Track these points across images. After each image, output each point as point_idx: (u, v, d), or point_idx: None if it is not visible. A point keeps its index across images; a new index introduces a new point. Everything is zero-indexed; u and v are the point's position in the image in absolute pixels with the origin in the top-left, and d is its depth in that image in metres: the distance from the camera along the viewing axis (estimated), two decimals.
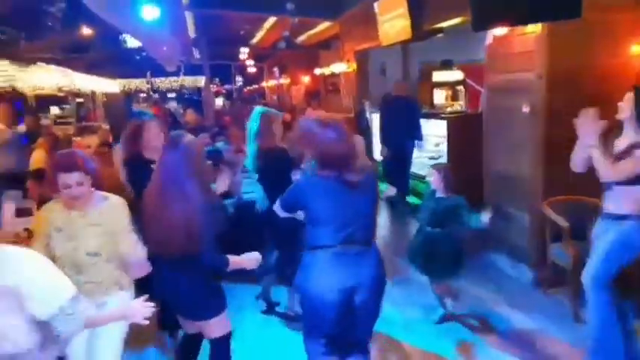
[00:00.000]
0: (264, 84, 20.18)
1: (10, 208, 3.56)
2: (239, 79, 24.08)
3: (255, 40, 13.17)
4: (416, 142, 6.46)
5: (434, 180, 3.59)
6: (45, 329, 1.66)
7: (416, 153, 6.62)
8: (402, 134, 6.41)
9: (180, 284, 2.44)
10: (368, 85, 9.00)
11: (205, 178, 2.48)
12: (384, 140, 6.66)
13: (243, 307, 4.07)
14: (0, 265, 1.61)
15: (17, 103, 7.37)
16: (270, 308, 4.02)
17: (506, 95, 4.50)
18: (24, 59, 6.88)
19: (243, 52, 14.08)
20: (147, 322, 2.00)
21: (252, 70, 18.39)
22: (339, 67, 9.75)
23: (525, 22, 3.86)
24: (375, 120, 7.46)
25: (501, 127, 4.65)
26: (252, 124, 3.64)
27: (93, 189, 2.41)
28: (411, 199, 6.58)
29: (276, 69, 17.20)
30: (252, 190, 4.25)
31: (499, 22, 3.87)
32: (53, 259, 2.26)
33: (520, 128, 4.32)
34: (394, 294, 3.71)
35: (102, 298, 2.41)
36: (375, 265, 2.42)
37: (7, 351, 1.64)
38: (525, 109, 4.18)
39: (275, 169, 3.50)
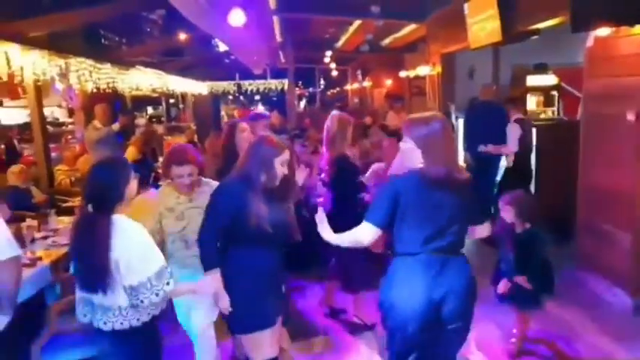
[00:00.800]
0: (347, 87, 20.23)
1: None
2: (322, 83, 24.34)
3: (339, 44, 13.21)
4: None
5: (506, 215, 3.20)
6: (131, 294, 1.99)
7: (503, 162, 6.24)
8: (488, 142, 6.06)
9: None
10: (454, 88, 8.67)
11: (272, 185, 2.46)
12: (468, 147, 6.34)
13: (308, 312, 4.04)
14: (115, 234, 1.96)
15: (117, 103, 7.96)
16: (334, 314, 3.94)
17: (609, 102, 4.13)
18: (124, 63, 7.38)
19: (327, 56, 14.17)
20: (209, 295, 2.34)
21: (334, 73, 18.49)
22: (424, 70, 9.50)
23: (632, 23, 3.51)
24: (460, 125, 7.15)
25: (601, 137, 4.26)
26: (328, 125, 3.62)
27: (200, 177, 2.81)
28: (497, 212, 6.19)
29: (359, 72, 17.16)
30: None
31: (602, 22, 3.59)
32: (164, 234, 2.74)
33: (624, 138, 3.94)
34: None
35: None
36: (465, 275, 2.26)
37: (103, 303, 2.03)
38: (630, 116, 3.81)
39: (343, 178, 3.49)
